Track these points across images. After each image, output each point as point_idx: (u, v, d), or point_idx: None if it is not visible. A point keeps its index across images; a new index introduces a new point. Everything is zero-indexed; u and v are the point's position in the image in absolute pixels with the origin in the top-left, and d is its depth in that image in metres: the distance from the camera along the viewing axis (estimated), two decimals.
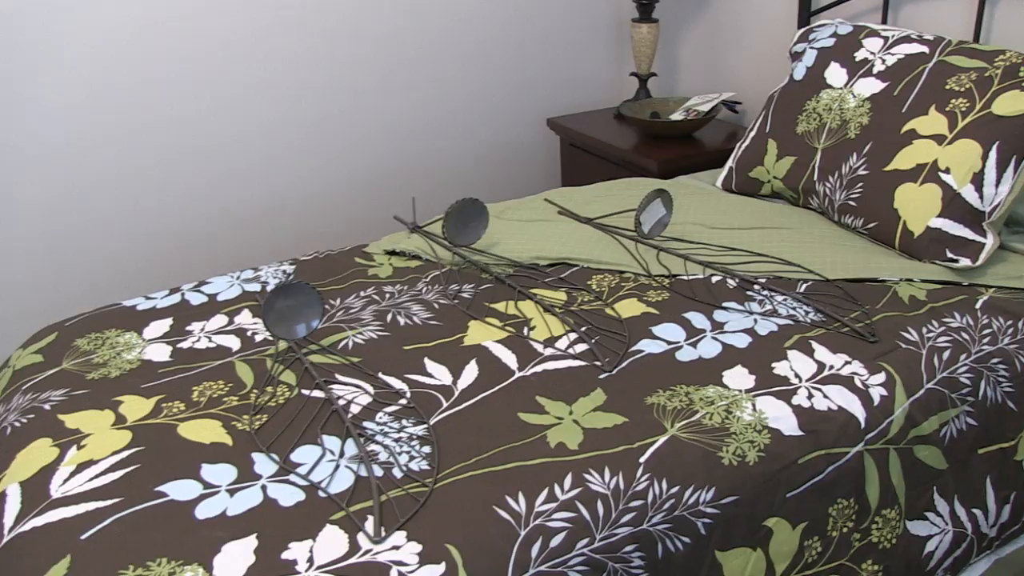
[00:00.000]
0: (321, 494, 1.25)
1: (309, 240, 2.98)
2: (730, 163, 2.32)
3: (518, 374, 1.51)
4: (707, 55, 3.08)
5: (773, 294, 1.72)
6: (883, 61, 2.06)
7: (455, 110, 3.10)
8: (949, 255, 1.79)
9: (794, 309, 1.67)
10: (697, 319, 1.65)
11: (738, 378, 1.46)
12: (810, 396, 1.42)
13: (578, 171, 3.01)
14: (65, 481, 1.30)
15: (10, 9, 2.36)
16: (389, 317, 1.72)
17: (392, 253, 2.02)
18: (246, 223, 2.86)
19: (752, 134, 2.28)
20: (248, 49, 2.69)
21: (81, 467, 1.33)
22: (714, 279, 1.79)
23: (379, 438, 1.36)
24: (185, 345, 1.67)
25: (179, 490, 1.27)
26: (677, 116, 2.82)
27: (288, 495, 1.25)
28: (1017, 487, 1.59)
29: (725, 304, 1.69)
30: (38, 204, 2.56)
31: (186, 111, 2.67)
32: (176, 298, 1.85)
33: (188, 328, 1.73)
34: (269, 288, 1.85)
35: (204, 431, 1.40)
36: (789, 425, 1.37)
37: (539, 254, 1.92)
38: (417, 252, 1.99)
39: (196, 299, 1.85)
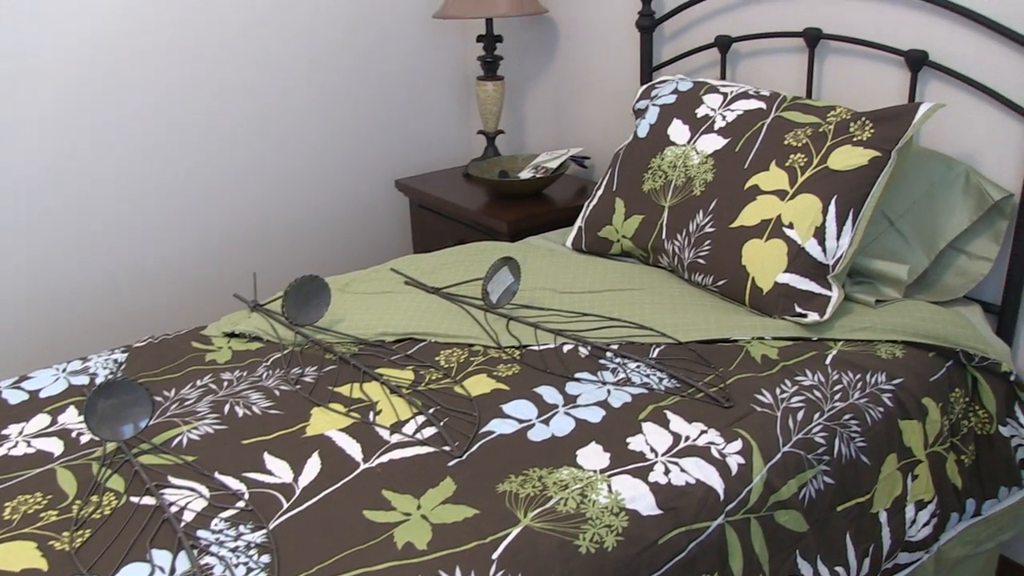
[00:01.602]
0: None
1: (144, 322, 2.80)
2: (579, 223, 2.30)
3: (363, 466, 1.42)
4: (553, 111, 3.07)
5: (626, 361, 1.69)
6: (723, 117, 2.07)
7: (299, 175, 3.00)
8: (798, 310, 1.80)
9: (648, 376, 1.64)
10: (549, 393, 1.59)
11: (592, 457, 1.41)
12: (667, 471, 1.38)
13: (429, 233, 2.95)
14: None
15: None
16: (227, 408, 1.61)
17: (232, 335, 1.91)
18: (74, 306, 2.68)
19: (600, 192, 2.27)
20: (73, 118, 2.54)
21: None
22: (566, 348, 1.75)
23: (214, 548, 1.26)
24: None
25: None
26: (526, 174, 2.80)
27: None
28: (874, 538, 1.59)
29: (577, 375, 1.65)
30: None
31: (5, 183, 2.50)
32: None
33: (4, 432, 1.58)
34: (99, 380, 1.72)
35: (15, 556, 1.26)
36: (647, 504, 1.33)
37: (385, 330, 1.84)
38: (258, 333, 1.89)
39: (15, 397, 1.70)
